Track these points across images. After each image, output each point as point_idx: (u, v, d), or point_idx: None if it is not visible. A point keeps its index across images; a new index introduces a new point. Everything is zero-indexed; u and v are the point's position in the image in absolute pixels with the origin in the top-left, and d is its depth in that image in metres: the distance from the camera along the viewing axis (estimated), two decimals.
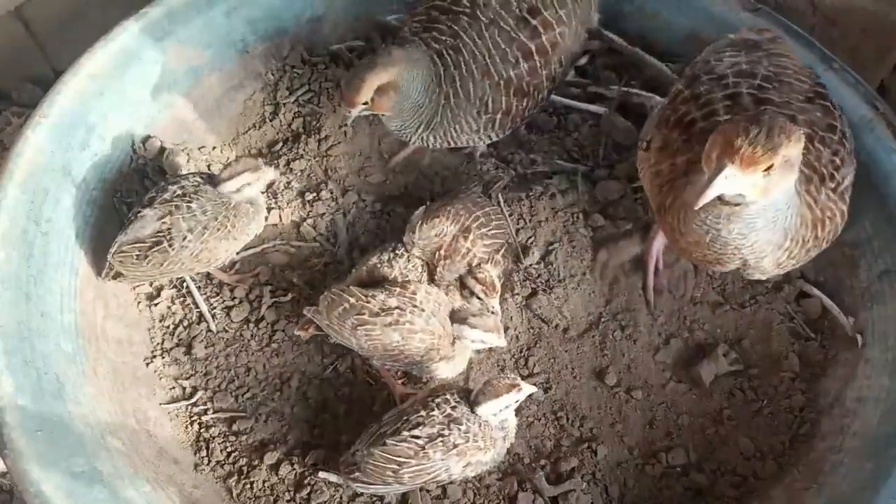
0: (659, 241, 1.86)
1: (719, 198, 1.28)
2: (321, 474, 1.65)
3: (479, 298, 1.71)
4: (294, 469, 1.68)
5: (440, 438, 1.50)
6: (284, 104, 2.09)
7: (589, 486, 1.67)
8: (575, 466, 1.68)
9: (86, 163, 1.79)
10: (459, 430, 1.51)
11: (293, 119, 2.09)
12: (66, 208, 1.72)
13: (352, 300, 1.61)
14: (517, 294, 1.85)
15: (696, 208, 1.29)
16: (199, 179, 1.70)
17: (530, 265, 1.88)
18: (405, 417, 1.54)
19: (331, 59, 2.15)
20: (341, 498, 1.65)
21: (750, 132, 1.22)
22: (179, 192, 1.66)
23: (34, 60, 2.22)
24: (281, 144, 2.05)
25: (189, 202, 1.64)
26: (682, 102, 1.57)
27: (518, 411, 1.61)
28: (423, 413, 1.53)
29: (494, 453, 1.55)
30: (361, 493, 1.64)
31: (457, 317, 1.64)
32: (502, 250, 1.82)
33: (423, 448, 1.50)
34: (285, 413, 1.74)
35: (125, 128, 1.89)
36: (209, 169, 1.99)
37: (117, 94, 1.84)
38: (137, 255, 1.64)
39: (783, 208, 1.37)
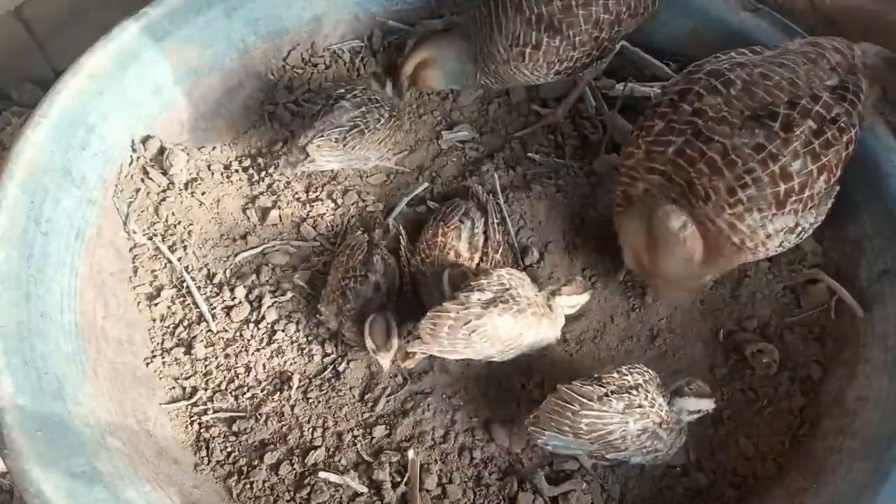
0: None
1: None
2: (321, 474, 1.65)
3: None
4: (294, 469, 1.68)
5: (626, 394, 1.52)
6: (284, 104, 2.10)
7: (589, 486, 1.66)
8: (575, 467, 1.68)
9: (86, 163, 1.78)
10: (647, 394, 1.53)
11: (293, 119, 2.09)
12: (66, 208, 1.72)
13: (453, 314, 1.59)
14: None
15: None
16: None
17: (530, 265, 1.88)
18: (596, 376, 1.58)
19: (331, 59, 2.15)
20: (341, 498, 1.65)
21: None
22: (368, 91, 1.91)
23: (34, 60, 2.22)
24: (281, 144, 2.05)
25: (377, 100, 1.91)
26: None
27: None
28: (615, 374, 1.56)
29: (670, 441, 1.57)
30: (539, 444, 1.62)
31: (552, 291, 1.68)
32: (500, 249, 1.82)
33: (608, 395, 1.52)
34: (285, 413, 1.74)
35: (125, 128, 1.89)
36: (209, 169, 1.99)
37: (117, 94, 1.84)
38: (336, 139, 1.83)
39: None
